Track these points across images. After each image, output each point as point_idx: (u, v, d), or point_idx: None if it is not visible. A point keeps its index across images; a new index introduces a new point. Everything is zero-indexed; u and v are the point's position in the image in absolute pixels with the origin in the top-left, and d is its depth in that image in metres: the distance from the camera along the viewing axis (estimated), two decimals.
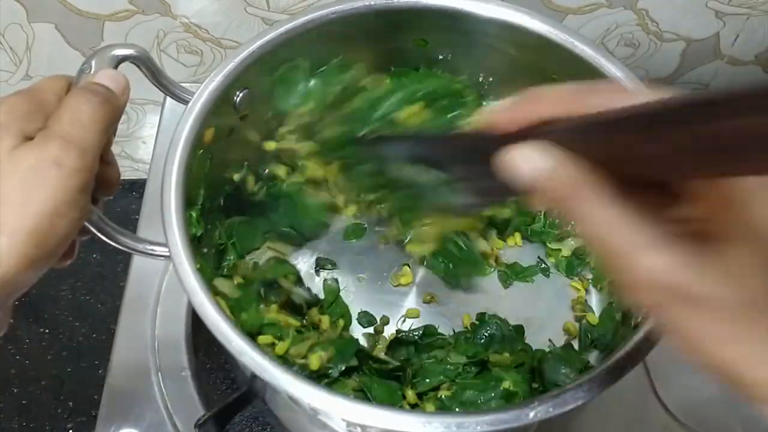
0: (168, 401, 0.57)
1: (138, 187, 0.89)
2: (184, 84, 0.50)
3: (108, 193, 0.41)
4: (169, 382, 0.58)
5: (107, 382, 0.57)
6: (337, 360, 0.50)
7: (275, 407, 0.57)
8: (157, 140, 0.70)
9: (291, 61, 0.53)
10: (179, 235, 0.43)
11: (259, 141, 0.58)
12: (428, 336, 0.56)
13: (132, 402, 0.56)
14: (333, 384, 0.50)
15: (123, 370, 0.58)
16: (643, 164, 0.25)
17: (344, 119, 0.55)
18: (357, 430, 0.45)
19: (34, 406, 0.77)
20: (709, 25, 0.73)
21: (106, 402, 0.56)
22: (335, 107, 0.56)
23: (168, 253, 0.43)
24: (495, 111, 0.31)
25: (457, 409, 0.50)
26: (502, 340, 0.55)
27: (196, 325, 0.60)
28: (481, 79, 0.59)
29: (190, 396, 0.57)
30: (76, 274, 0.85)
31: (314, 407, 0.39)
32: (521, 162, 0.28)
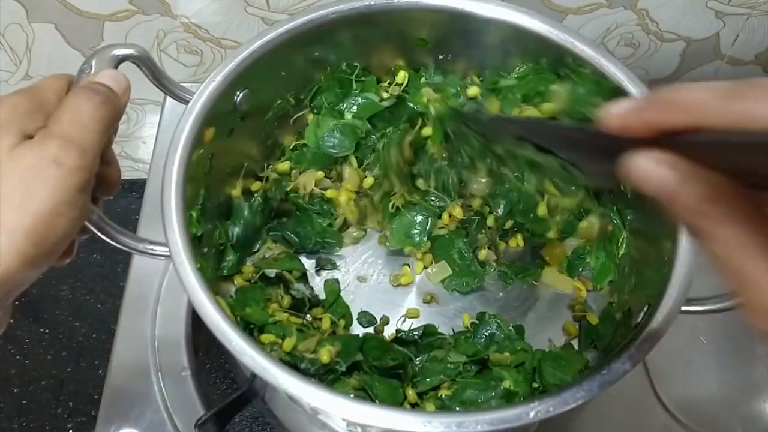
0: (168, 401, 0.57)
1: (138, 187, 0.89)
2: (184, 84, 0.50)
3: (108, 192, 0.41)
4: (169, 382, 0.58)
5: (107, 382, 0.57)
6: (344, 354, 0.51)
7: (275, 407, 0.57)
8: (157, 140, 0.70)
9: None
10: (179, 234, 0.43)
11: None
12: (428, 335, 0.56)
13: (132, 402, 0.56)
14: (335, 382, 0.50)
15: (123, 370, 0.58)
16: None
17: None
18: (357, 429, 0.45)
19: (34, 406, 0.77)
20: (709, 25, 0.73)
21: (106, 402, 0.56)
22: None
23: (168, 253, 0.43)
24: (621, 111, 0.28)
25: (457, 408, 0.50)
26: (502, 340, 0.55)
27: (196, 325, 0.60)
28: (481, 79, 0.59)
29: (190, 396, 0.57)
30: (76, 274, 0.85)
31: (314, 407, 0.39)
32: (646, 171, 0.26)
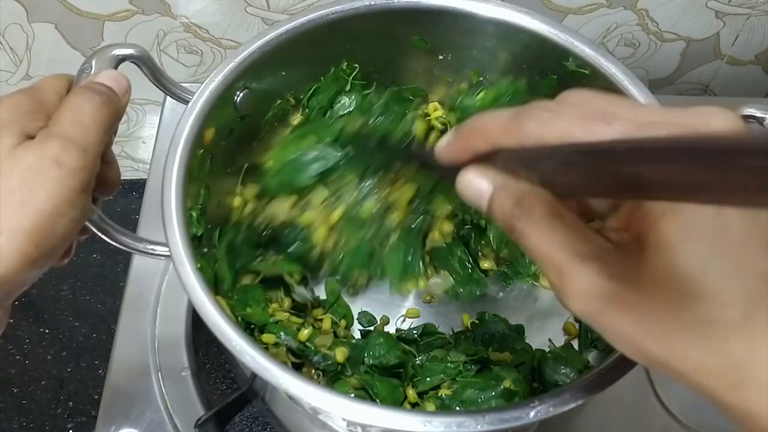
0: (168, 401, 0.57)
1: (138, 187, 0.89)
2: (184, 84, 0.50)
3: (108, 193, 0.41)
4: (169, 382, 0.58)
5: (107, 382, 0.57)
6: (352, 361, 0.51)
7: (275, 407, 0.57)
8: (157, 140, 0.70)
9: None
10: (179, 234, 0.43)
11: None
12: (428, 335, 0.56)
13: (132, 402, 0.56)
14: (335, 381, 0.50)
15: (123, 370, 0.58)
16: (570, 188, 0.28)
17: None
18: (357, 429, 0.45)
19: (34, 406, 0.77)
20: (709, 25, 0.73)
21: (106, 402, 0.56)
22: None
23: (168, 253, 0.43)
24: (443, 145, 0.34)
25: (457, 408, 0.50)
26: (502, 340, 0.55)
27: (196, 325, 0.60)
28: (481, 79, 0.59)
29: (190, 396, 0.57)
30: (76, 274, 0.85)
31: (314, 407, 0.39)
32: (467, 184, 0.32)
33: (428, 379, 0.52)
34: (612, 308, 0.27)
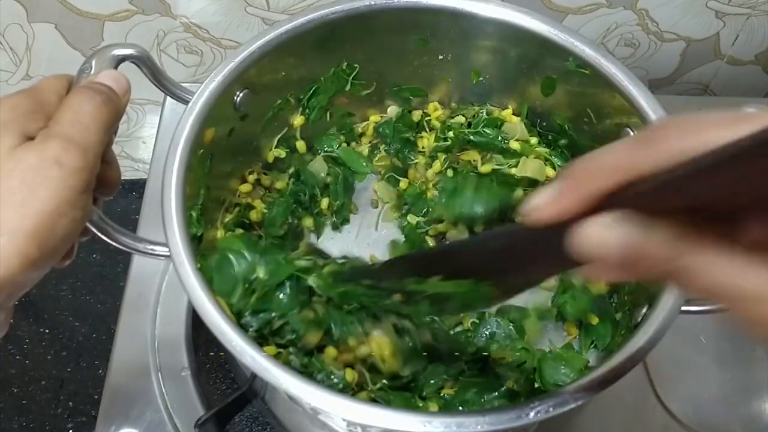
0: (168, 401, 0.57)
1: (138, 187, 0.89)
2: (184, 84, 0.50)
3: (108, 193, 0.41)
4: (169, 382, 0.58)
5: (107, 382, 0.57)
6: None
7: (275, 407, 0.57)
8: (157, 140, 0.70)
9: None
10: (179, 234, 0.43)
11: None
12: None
13: (132, 402, 0.56)
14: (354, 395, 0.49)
15: (123, 370, 0.58)
16: (722, 202, 0.23)
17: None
18: (357, 429, 0.44)
19: (34, 406, 0.77)
20: (709, 25, 0.73)
21: (106, 402, 0.56)
22: None
23: (168, 253, 0.43)
24: (546, 200, 0.28)
25: (459, 407, 0.50)
26: (503, 339, 0.55)
27: (196, 325, 0.60)
28: (481, 79, 0.59)
29: (190, 396, 0.57)
30: (76, 274, 0.85)
31: (314, 407, 0.39)
32: (601, 239, 0.26)
33: (432, 381, 0.52)
34: None
